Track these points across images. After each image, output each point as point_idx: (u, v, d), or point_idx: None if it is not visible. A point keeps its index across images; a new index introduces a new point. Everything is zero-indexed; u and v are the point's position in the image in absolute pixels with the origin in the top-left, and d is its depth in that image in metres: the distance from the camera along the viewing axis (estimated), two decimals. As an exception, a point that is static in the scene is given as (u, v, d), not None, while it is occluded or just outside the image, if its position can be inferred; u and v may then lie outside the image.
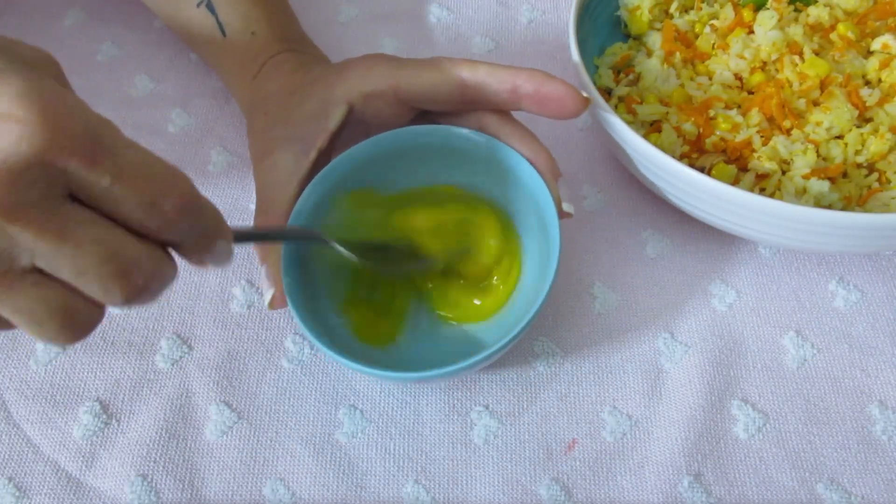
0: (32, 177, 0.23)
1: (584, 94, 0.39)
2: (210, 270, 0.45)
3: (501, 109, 0.41)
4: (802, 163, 0.42)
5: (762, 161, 0.42)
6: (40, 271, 0.24)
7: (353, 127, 0.42)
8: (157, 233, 0.26)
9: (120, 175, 0.24)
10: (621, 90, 0.47)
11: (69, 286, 0.25)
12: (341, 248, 0.38)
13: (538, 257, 0.41)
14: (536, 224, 0.40)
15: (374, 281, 0.42)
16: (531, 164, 0.40)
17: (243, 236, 0.33)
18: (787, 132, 0.43)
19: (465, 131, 0.41)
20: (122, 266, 0.25)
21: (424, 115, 0.42)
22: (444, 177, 0.43)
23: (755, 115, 0.44)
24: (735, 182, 0.43)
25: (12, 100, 0.23)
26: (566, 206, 0.40)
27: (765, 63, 0.46)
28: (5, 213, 0.23)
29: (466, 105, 0.40)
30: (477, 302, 0.42)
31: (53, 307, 0.25)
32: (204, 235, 0.27)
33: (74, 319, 0.25)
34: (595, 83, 0.47)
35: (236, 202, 0.48)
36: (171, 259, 0.27)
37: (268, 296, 0.39)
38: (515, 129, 0.41)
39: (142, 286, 0.25)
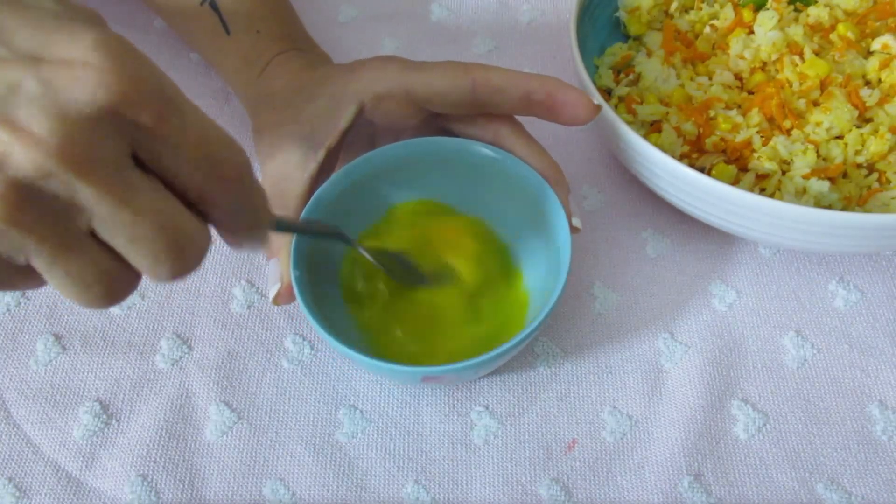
0: (105, 130, 0.22)
1: (595, 102, 0.39)
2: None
3: (512, 115, 0.41)
4: (802, 163, 0.42)
5: (762, 161, 0.42)
6: (92, 235, 0.24)
7: (360, 128, 0.41)
8: (210, 201, 0.25)
9: (185, 134, 0.24)
10: (621, 90, 0.47)
11: (115, 253, 0.24)
12: (364, 252, 0.39)
13: (543, 270, 0.40)
14: (543, 237, 0.40)
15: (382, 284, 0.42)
16: (543, 178, 0.40)
17: (281, 224, 0.32)
18: (787, 132, 0.43)
19: (479, 146, 0.41)
20: (178, 240, 0.24)
21: (433, 117, 0.42)
22: (453, 190, 0.43)
23: (755, 116, 0.44)
24: (735, 182, 0.43)
25: (88, 48, 0.22)
26: (575, 221, 0.40)
27: (765, 63, 0.46)
28: (76, 166, 0.22)
29: (477, 109, 0.40)
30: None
31: (102, 271, 0.24)
32: (252, 212, 0.27)
33: (117, 285, 0.25)
34: (595, 83, 0.47)
35: (236, 202, 0.48)
36: (210, 235, 0.26)
37: (273, 290, 0.39)
38: (528, 142, 0.41)
39: (190, 263, 0.25)
